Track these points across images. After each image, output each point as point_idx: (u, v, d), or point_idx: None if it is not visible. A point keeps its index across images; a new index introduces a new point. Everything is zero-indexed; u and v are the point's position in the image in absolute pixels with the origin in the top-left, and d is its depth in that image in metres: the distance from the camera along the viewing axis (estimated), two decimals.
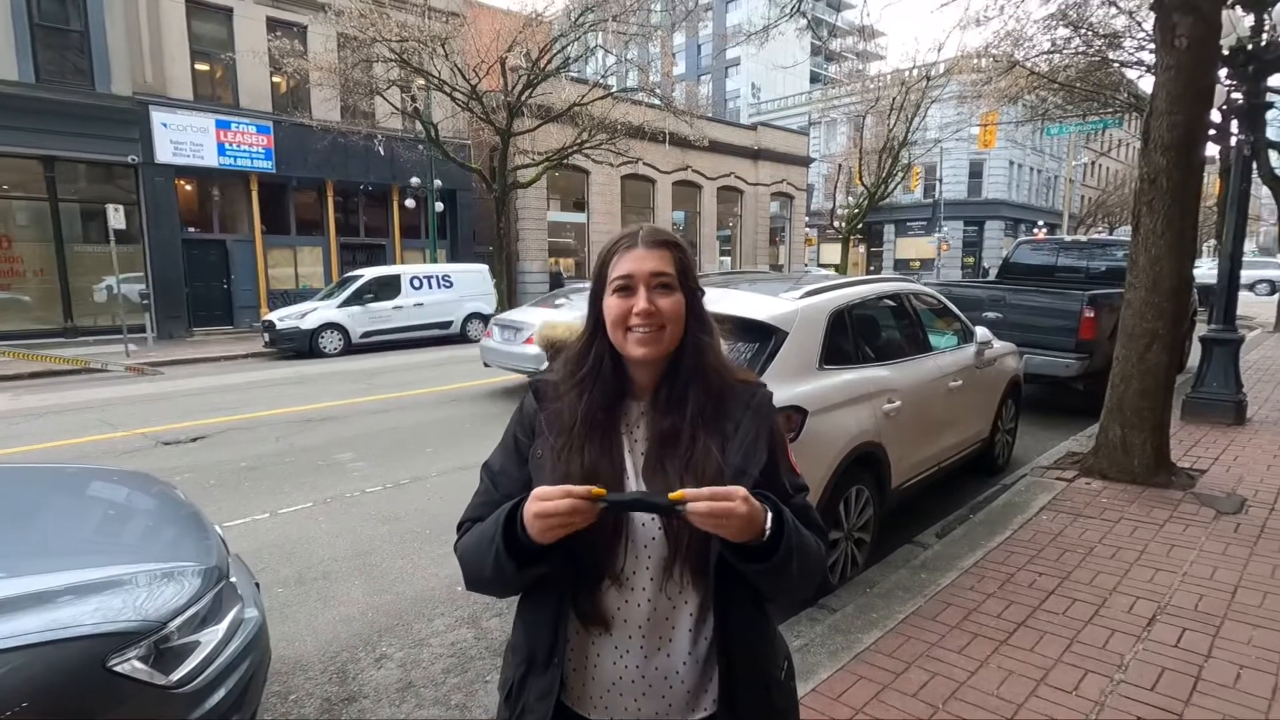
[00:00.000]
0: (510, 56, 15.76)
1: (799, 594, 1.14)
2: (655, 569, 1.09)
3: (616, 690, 1.12)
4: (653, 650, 1.10)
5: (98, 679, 1.69)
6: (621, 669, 1.11)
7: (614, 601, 1.10)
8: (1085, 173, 46.35)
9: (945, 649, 2.83)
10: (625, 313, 1.10)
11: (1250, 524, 4.05)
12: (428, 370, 11.10)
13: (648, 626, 1.10)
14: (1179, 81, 4.46)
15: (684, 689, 1.11)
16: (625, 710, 1.12)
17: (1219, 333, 6.60)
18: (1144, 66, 15.56)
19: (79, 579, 1.86)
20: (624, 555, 1.09)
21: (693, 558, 1.08)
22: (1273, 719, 2.35)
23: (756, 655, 1.15)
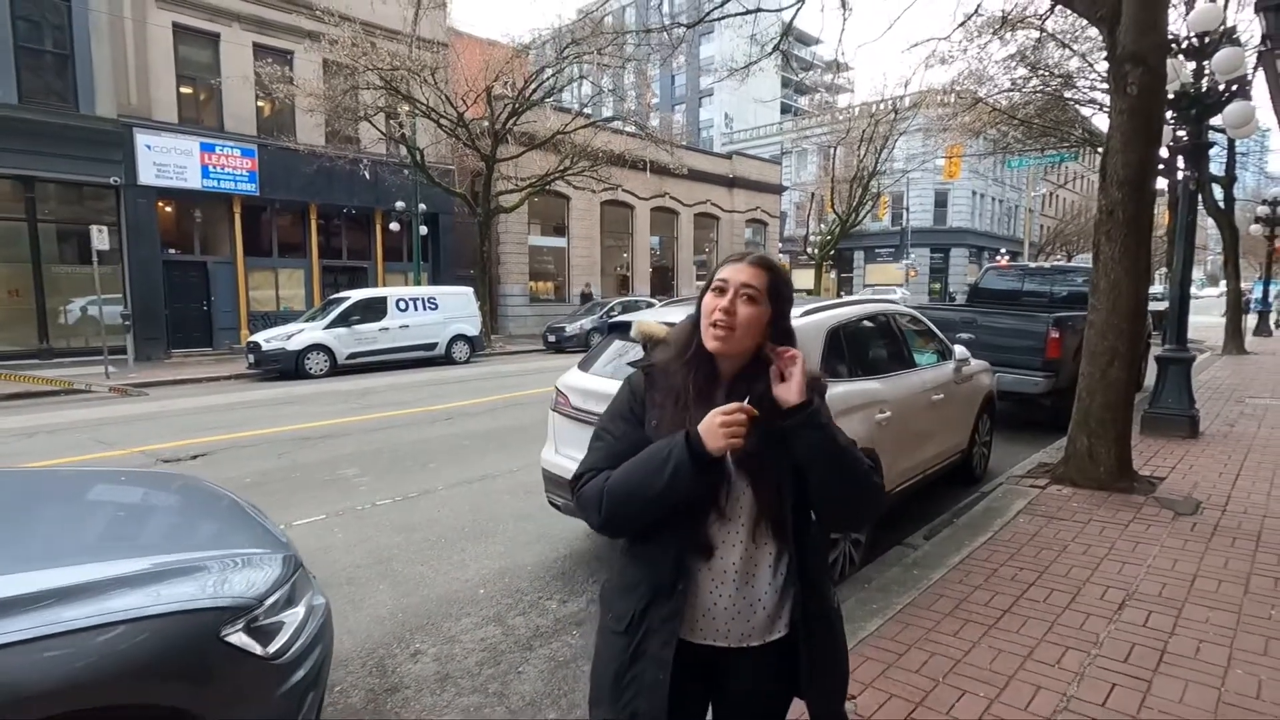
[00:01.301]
0: (496, 85, 16.14)
1: (854, 503, 1.38)
2: (747, 522, 1.38)
3: (711, 616, 1.40)
4: (743, 584, 1.39)
5: (214, 647, 1.89)
6: (717, 598, 1.39)
7: (716, 536, 1.38)
8: (1044, 203, 48.33)
9: (941, 633, 3.12)
10: (711, 309, 1.37)
11: (1205, 523, 4.45)
12: (418, 390, 11.23)
13: (740, 565, 1.38)
14: (1131, 124, 4.96)
15: (764, 615, 1.40)
16: (717, 632, 1.40)
17: (1173, 353, 7.12)
18: (1097, 105, 16.57)
19: (189, 559, 2.06)
20: (724, 495, 1.37)
21: (772, 514, 1.38)
22: (1228, 684, 2.68)
23: (819, 591, 1.45)
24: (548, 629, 3.51)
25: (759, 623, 1.40)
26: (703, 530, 1.38)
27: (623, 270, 27.59)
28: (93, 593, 1.77)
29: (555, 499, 4.24)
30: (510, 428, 8.21)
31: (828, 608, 1.47)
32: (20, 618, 1.62)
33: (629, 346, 4.30)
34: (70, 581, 1.80)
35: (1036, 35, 13.31)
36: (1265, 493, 5.08)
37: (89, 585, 1.80)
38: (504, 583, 4.04)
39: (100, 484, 2.90)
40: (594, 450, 1.48)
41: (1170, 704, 2.55)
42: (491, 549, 4.53)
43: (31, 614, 1.64)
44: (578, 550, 4.51)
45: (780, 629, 1.41)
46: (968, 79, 15.88)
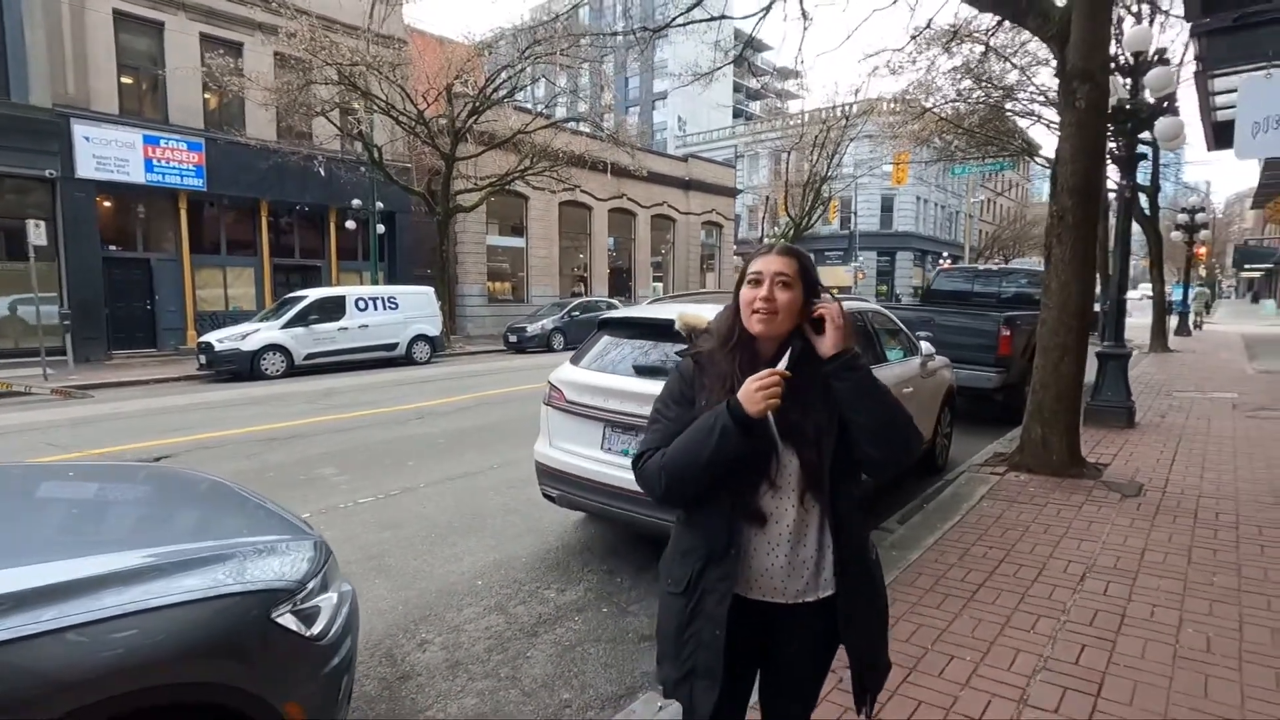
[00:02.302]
0: (456, 84, 16.01)
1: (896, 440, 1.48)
2: (796, 489, 1.52)
3: (768, 575, 1.54)
4: (797, 544, 1.53)
5: (267, 627, 1.94)
6: (773, 559, 1.53)
7: (770, 505, 1.52)
8: (982, 209, 50.43)
9: (925, 606, 3.35)
10: (752, 299, 1.51)
11: (1148, 504, 4.84)
12: (383, 391, 11.07)
13: (794, 527, 1.53)
14: (1080, 136, 5.35)
15: (813, 571, 1.54)
16: (774, 590, 1.54)
17: (1112, 349, 7.65)
18: (1034, 116, 17.49)
19: (235, 544, 2.10)
20: (775, 466, 1.50)
21: (814, 473, 1.51)
22: (1181, 641, 2.98)
23: (856, 544, 1.57)
24: (550, 616, 3.61)
25: (810, 579, 1.54)
26: (754, 498, 1.52)
27: (580, 271, 27.62)
28: (154, 575, 1.81)
29: (550, 491, 4.33)
30: (483, 426, 8.21)
31: (865, 558, 1.60)
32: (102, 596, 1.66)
33: (618, 342, 4.43)
34: (132, 565, 1.83)
35: (981, 49, 13.98)
36: (1198, 476, 5.54)
37: (148, 569, 1.83)
38: (500, 574, 4.10)
39: (117, 477, 2.89)
40: (652, 433, 1.60)
41: (1134, 659, 2.82)
42: (483, 542, 4.58)
43: (106, 594, 1.68)
44: (569, 542, 4.61)
45: (829, 586, 1.55)
46: (917, 89, 16.55)
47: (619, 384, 4.00)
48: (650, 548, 4.30)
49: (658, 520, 3.57)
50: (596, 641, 3.35)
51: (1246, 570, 3.67)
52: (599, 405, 4.01)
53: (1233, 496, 4.98)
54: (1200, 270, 36.36)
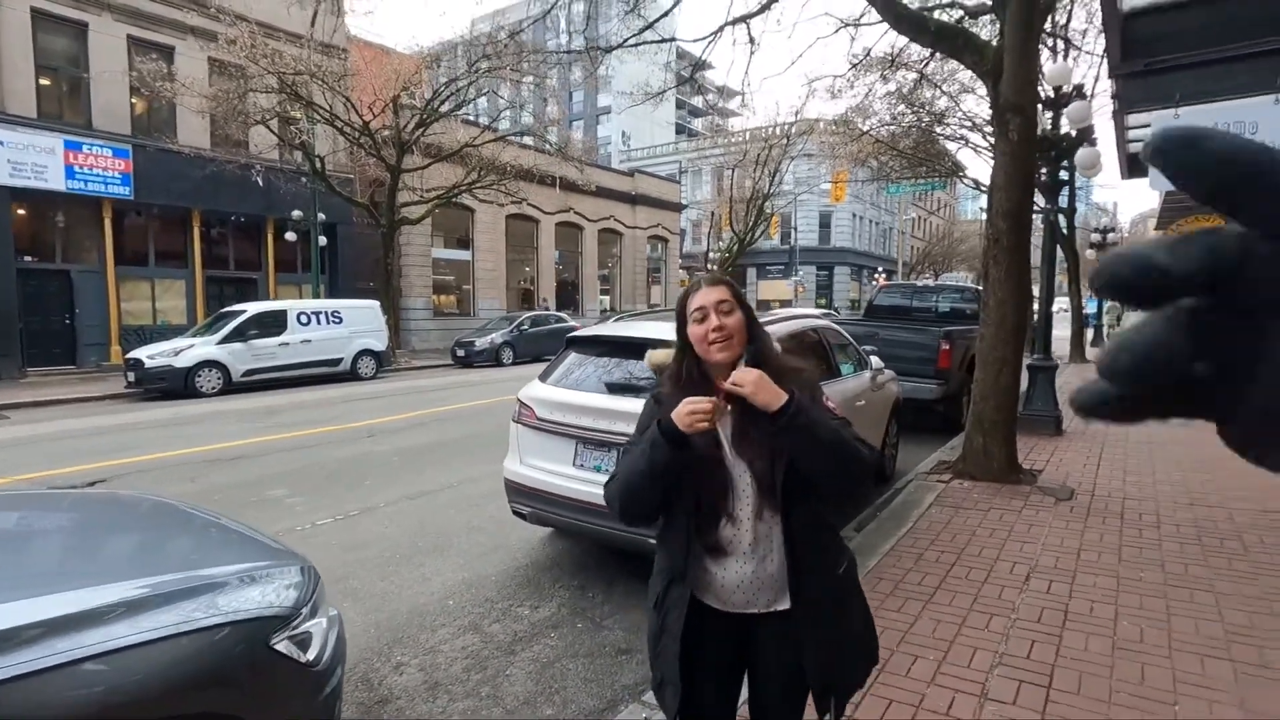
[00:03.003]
0: (403, 96, 15.80)
1: (843, 480, 1.53)
2: (752, 508, 1.60)
3: (735, 588, 1.62)
4: (758, 561, 1.61)
5: (265, 655, 1.93)
6: (739, 576, 1.62)
7: (729, 534, 1.61)
8: (914, 226, 52.73)
9: (887, 610, 3.53)
10: (705, 332, 1.59)
11: (1080, 506, 5.21)
12: (328, 408, 10.76)
13: (752, 546, 1.61)
14: (1012, 164, 5.75)
15: (777, 585, 1.63)
16: (740, 601, 1.63)
17: (1041, 362, 8.17)
18: (963, 140, 18.51)
19: (228, 572, 2.07)
20: (732, 500, 1.60)
21: (772, 498, 1.59)
22: (1118, 633, 3.24)
23: (814, 559, 1.62)
24: (525, 633, 3.63)
25: (774, 592, 1.62)
26: (711, 518, 1.60)
27: (526, 284, 27.48)
28: (148, 607, 1.78)
29: (521, 508, 4.34)
30: (438, 443, 8.11)
31: (829, 574, 1.63)
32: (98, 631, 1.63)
33: (586, 359, 4.50)
34: (123, 597, 1.79)
35: (915, 77, 14.73)
36: (1121, 479, 5.99)
37: (142, 600, 1.80)
38: (471, 593, 4.09)
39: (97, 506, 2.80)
40: (621, 459, 1.71)
41: (1079, 652, 3.06)
42: (451, 562, 4.55)
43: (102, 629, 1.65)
44: (538, 559, 4.63)
45: (787, 600, 1.62)
46: (855, 112, 17.28)
47: (590, 401, 4.07)
48: (619, 562, 4.37)
49: (630, 535, 3.64)
50: (574, 657, 3.39)
51: (1169, 566, 4.01)
52: (570, 422, 4.07)
53: (1153, 498, 5.40)
54: None
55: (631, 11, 9.55)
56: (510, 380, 13.73)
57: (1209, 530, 4.62)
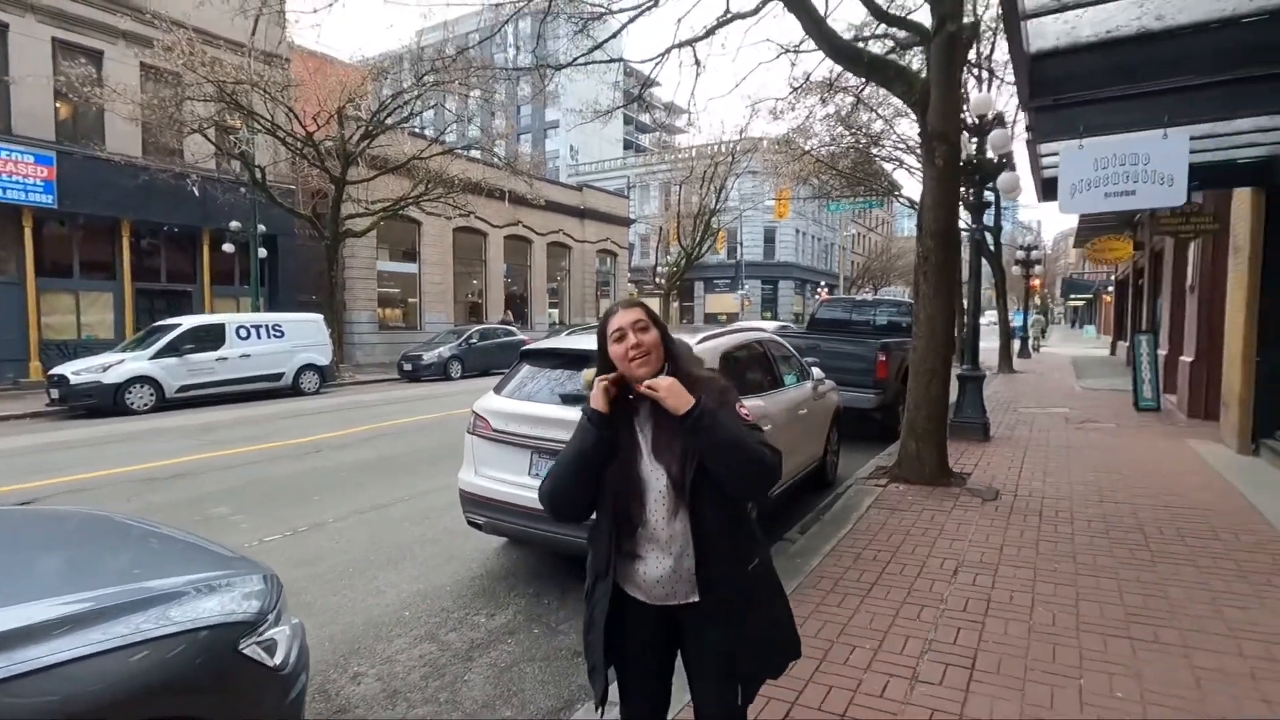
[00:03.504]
0: (349, 107, 15.61)
1: (745, 478, 1.66)
2: (668, 509, 1.75)
3: (656, 583, 1.78)
4: (675, 558, 1.76)
5: (234, 659, 1.98)
6: (658, 571, 1.77)
7: (647, 533, 1.76)
8: (854, 242, 54.62)
9: (828, 606, 3.75)
10: (625, 350, 1.73)
11: (1004, 506, 5.59)
12: (270, 424, 10.49)
13: (669, 543, 1.76)
14: (939, 187, 6.16)
15: (691, 579, 1.77)
16: (661, 594, 1.78)
17: (970, 372, 8.67)
18: (898, 161, 19.40)
19: (195, 579, 2.12)
20: (650, 501, 1.75)
21: (683, 496, 1.72)
22: (1034, 619, 3.54)
23: (724, 554, 1.74)
24: (482, 640, 3.70)
25: (690, 585, 1.76)
26: (628, 518, 1.76)
27: (474, 297, 27.28)
28: (119, 613, 1.82)
29: (476, 518, 4.41)
30: (388, 457, 8.03)
31: (739, 570, 1.75)
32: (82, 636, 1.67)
33: (539, 372, 4.63)
34: (93, 606, 1.83)
35: (853, 100, 15.43)
36: (1041, 480, 6.43)
37: (108, 609, 1.84)
38: (427, 604, 4.13)
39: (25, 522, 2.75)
40: None
41: (999, 636, 3.34)
42: (405, 574, 4.57)
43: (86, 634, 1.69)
44: (493, 568, 4.69)
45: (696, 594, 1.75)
46: (796, 133, 17.94)
47: (544, 411, 4.19)
48: (574, 569, 4.47)
49: (583, 541, 3.77)
50: (531, 661, 3.48)
51: (1080, 557, 4.38)
52: (525, 432, 4.18)
53: (1068, 497, 5.84)
54: (1036, 299, 41.14)
55: (580, 32, 9.76)
56: (460, 394, 13.65)
57: (1116, 524, 5.04)
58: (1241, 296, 7.35)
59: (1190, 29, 4.03)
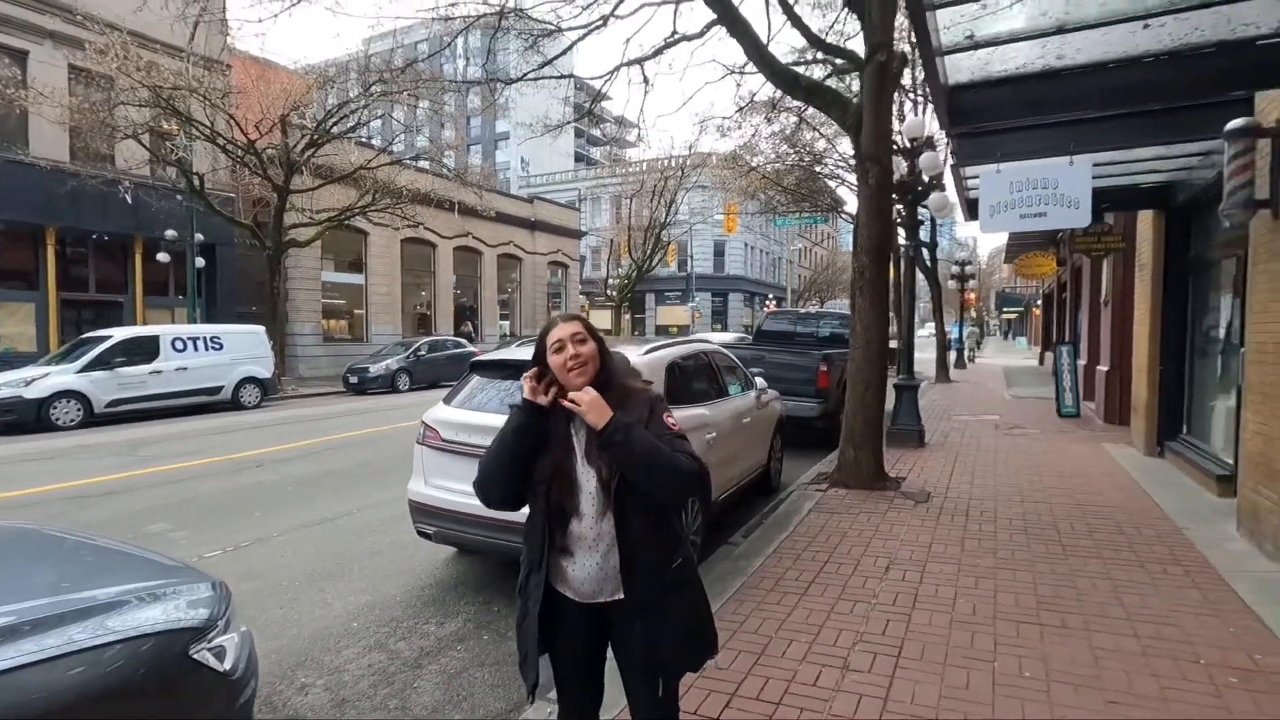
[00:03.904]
0: (293, 115, 15.33)
1: (661, 487, 1.76)
2: (596, 509, 1.85)
3: (584, 580, 1.88)
4: (601, 556, 1.86)
5: (185, 663, 2.02)
6: (585, 570, 1.87)
7: (576, 532, 1.85)
8: (801, 256, 55.99)
9: (768, 604, 3.94)
10: (563, 361, 1.82)
11: (934, 507, 5.92)
12: (207, 439, 10.18)
13: (596, 542, 1.86)
14: (872, 206, 6.52)
15: (617, 577, 1.86)
16: (589, 592, 1.89)
17: (905, 381, 9.09)
18: (839, 179, 20.14)
19: (144, 587, 2.14)
20: (580, 501, 1.84)
21: (610, 497, 1.82)
22: (956, 610, 3.80)
23: (648, 554, 1.85)
24: (432, 648, 3.74)
25: (617, 582, 1.86)
26: (560, 516, 1.87)
27: (423, 309, 26.92)
28: (48, 626, 1.84)
29: (426, 528, 4.45)
30: (334, 471, 7.92)
31: (662, 570, 1.85)
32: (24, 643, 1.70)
33: (489, 382, 4.71)
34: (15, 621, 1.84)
35: (796, 120, 15.99)
36: (969, 483, 6.82)
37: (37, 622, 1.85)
38: (375, 614, 4.15)
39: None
40: None
41: (924, 626, 3.58)
42: (353, 586, 4.56)
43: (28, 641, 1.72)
44: (442, 578, 4.72)
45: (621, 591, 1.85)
46: (743, 149, 18.46)
47: (494, 421, 4.26)
48: None
49: None
50: (481, 666, 3.55)
51: (1000, 553, 4.69)
52: (476, 442, 4.24)
53: (993, 498, 6.21)
54: (972, 312, 43.01)
55: (530, 48, 9.90)
56: (408, 407, 13.48)
57: (1034, 522, 5.40)
58: (1146, 311, 7.96)
59: (1089, 68, 4.43)
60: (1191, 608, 3.75)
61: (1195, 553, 4.65)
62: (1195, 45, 4.08)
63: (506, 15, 9.04)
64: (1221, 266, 6.71)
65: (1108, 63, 4.35)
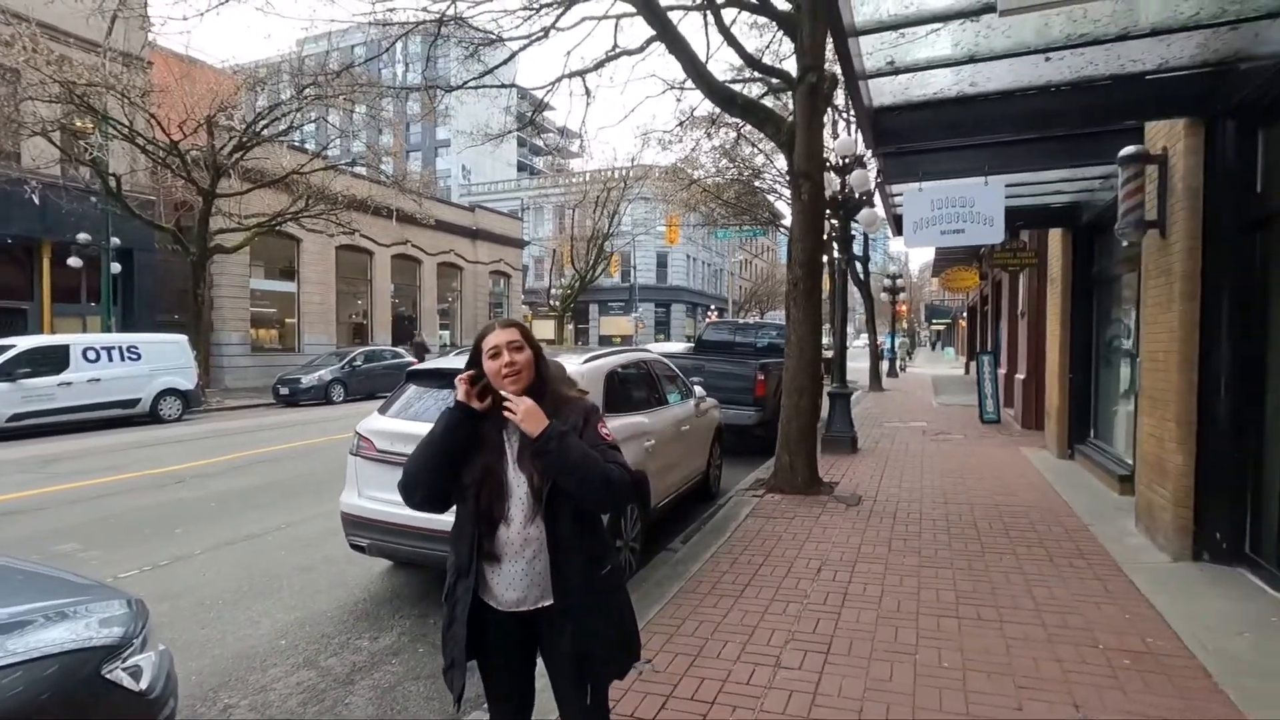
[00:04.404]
0: (221, 116, 14.75)
1: (592, 495, 1.78)
2: (525, 514, 1.85)
3: (507, 588, 1.87)
4: (528, 561, 1.86)
5: (98, 683, 1.94)
6: (511, 574, 1.87)
7: (505, 536, 1.85)
8: (742, 268, 57.18)
9: (706, 607, 4.02)
10: (498, 367, 1.83)
11: (865, 510, 6.15)
12: (124, 454, 9.63)
13: (522, 547, 1.85)
14: (805, 221, 6.76)
15: (544, 583, 1.87)
16: (512, 600, 1.90)
17: (839, 390, 9.41)
18: (777, 194, 20.71)
19: (57, 605, 2.05)
20: (509, 505, 1.85)
21: (540, 503, 1.83)
22: (882, 607, 3.97)
23: (576, 561, 1.86)
24: (365, 664, 3.66)
25: (543, 589, 1.87)
26: (490, 536, 1.85)
27: (359, 318, 26.19)
28: None
29: (359, 541, 4.35)
30: (263, 486, 7.63)
31: (590, 576, 1.87)
32: None
33: (426, 391, 4.67)
34: None
35: (735, 135, 16.39)
36: (897, 487, 7.11)
37: None
38: (305, 631, 4.03)
39: None
40: None
41: (852, 623, 3.72)
42: (281, 603, 4.42)
43: None
44: (376, 592, 4.63)
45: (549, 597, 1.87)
46: (685, 163, 18.78)
47: None
48: None
49: None
50: (416, 679, 3.50)
51: (924, 552, 4.92)
52: None
53: (919, 500, 6.50)
54: (903, 324, 44.73)
55: (471, 56, 9.86)
56: (342, 418, 13.08)
57: (956, 522, 5.69)
58: (1057, 322, 8.50)
59: (1000, 95, 4.74)
60: (1093, 598, 4.03)
61: (1098, 547, 4.99)
62: (1091, 78, 4.43)
63: (447, 23, 8.99)
64: (1122, 281, 7.24)
65: (1015, 91, 4.67)
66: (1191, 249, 4.54)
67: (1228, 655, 3.27)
